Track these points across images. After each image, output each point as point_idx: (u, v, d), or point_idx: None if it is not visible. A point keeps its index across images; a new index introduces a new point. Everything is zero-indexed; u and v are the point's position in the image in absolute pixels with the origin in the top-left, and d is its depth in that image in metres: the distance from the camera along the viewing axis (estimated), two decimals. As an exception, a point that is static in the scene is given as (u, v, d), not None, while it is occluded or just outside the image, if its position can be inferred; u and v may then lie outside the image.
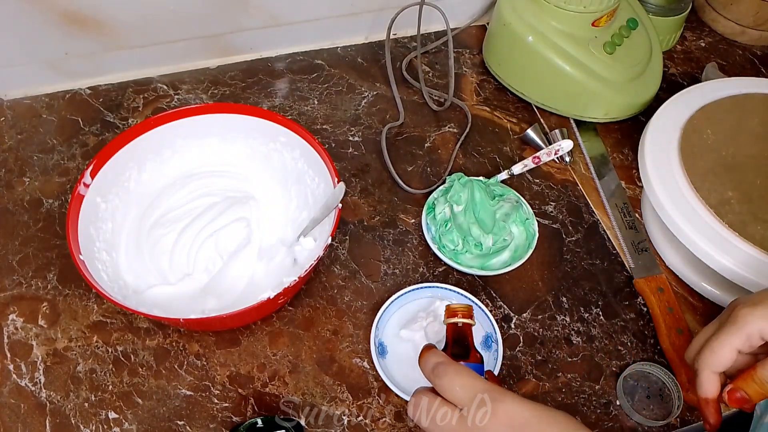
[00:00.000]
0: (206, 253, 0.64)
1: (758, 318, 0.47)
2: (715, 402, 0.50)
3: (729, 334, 0.48)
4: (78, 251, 0.57)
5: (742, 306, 0.49)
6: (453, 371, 0.44)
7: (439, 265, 0.69)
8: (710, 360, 0.49)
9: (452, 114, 0.83)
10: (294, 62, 0.87)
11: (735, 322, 0.48)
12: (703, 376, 0.50)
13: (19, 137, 0.76)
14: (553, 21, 0.78)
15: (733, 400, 0.48)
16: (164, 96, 0.81)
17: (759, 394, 0.47)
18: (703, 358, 0.49)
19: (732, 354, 0.48)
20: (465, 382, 0.43)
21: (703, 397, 0.50)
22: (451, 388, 0.43)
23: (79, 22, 0.74)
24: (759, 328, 0.47)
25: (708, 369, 0.49)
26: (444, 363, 0.45)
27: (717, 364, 0.49)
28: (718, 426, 0.50)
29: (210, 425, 0.58)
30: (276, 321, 0.64)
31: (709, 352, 0.49)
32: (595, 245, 0.72)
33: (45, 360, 0.60)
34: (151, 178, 0.68)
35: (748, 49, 0.96)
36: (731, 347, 0.48)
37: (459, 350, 0.49)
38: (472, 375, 0.44)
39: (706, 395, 0.50)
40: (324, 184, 0.64)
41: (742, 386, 0.48)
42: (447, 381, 0.44)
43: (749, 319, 0.48)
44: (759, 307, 0.48)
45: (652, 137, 0.70)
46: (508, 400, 0.42)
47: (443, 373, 0.44)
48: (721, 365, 0.49)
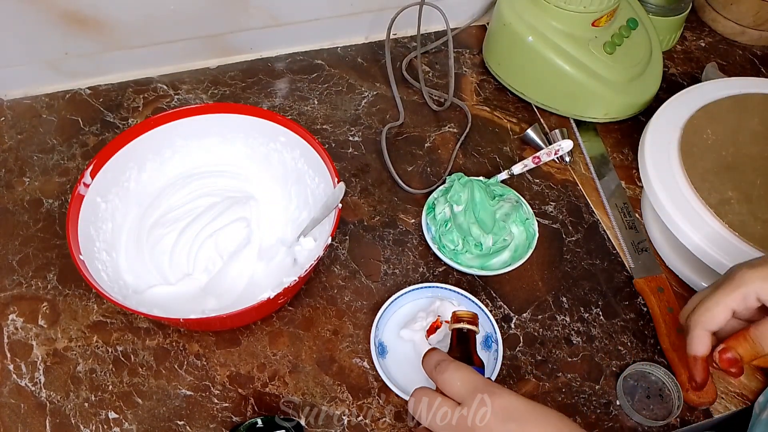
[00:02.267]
0: (206, 253, 0.64)
1: (757, 279, 0.47)
2: (704, 361, 0.49)
3: (725, 294, 0.48)
4: (78, 251, 0.57)
5: (741, 267, 0.48)
6: (454, 367, 0.46)
7: (439, 265, 0.69)
8: (703, 318, 0.48)
9: (452, 114, 0.83)
10: (294, 62, 0.87)
11: (732, 282, 0.47)
12: (694, 333, 0.49)
13: (19, 137, 0.76)
14: (553, 21, 0.78)
15: (724, 360, 0.47)
16: (164, 96, 0.81)
17: (750, 354, 0.47)
18: (696, 315, 0.49)
19: (726, 313, 0.48)
20: (465, 377, 0.45)
21: (692, 355, 0.49)
22: (452, 383, 0.45)
23: (79, 22, 0.74)
24: (756, 289, 0.47)
25: (700, 327, 0.48)
26: (446, 360, 0.47)
27: (710, 322, 0.48)
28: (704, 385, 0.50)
29: (210, 425, 0.58)
30: (276, 321, 0.64)
31: (704, 310, 0.48)
32: (595, 245, 0.72)
33: (45, 360, 0.60)
34: (151, 178, 0.68)
35: (748, 49, 0.96)
36: (726, 306, 0.47)
37: (461, 354, 0.51)
38: (472, 371, 0.46)
39: (696, 353, 0.49)
40: (324, 184, 0.64)
41: (734, 345, 0.47)
42: (448, 376, 0.45)
43: (747, 279, 0.47)
44: (758, 269, 0.47)
45: (652, 137, 0.70)
46: (504, 394, 0.44)
47: (445, 368, 0.46)
48: (715, 324, 0.48)
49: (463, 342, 0.52)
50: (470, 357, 0.51)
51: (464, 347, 0.52)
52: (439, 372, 0.46)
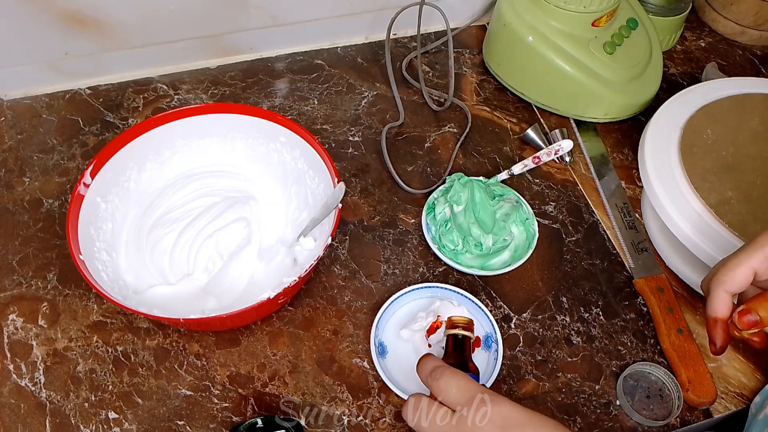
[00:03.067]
0: (206, 253, 0.64)
1: None
2: (724, 323, 0.47)
3: (748, 254, 0.46)
4: (78, 251, 0.57)
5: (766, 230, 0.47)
6: (450, 374, 0.45)
7: (439, 265, 0.69)
8: (725, 278, 0.47)
9: (452, 114, 0.83)
10: (294, 62, 0.87)
11: (755, 243, 0.46)
12: (714, 294, 0.47)
13: (19, 137, 0.76)
14: (553, 21, 0.78)
15: (744, 322, 0.46)
16: (164, 96, 0.81)
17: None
18: (717, 276, 0.47)
19: (748, 274, 0.46)
20: (461, 384, 0.44)
21: (712, 317, 0.47)
22: (448, 390, 0.44)
23: (79, 22, 0.74)
24: None
25: (721, 287, 0.47)
26: (441, 366, 0.46)
27: (731, 282, 0.47)
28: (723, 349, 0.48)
29: (210, 425, 0.58)
30: (276, 321, 0.64)
31: (725, 270, 0.47)
32: (595, 245, 0.72)
33: (45, 360, 0.60)
34: (151, 178, 0.68)
35: (748, 49, 0.96)
36: (748, 266, 0.46)
37: (456, 361, 0.51)
38: (468, 378, 0.45)
39: (716, 314, 0.47)
40: (324, 184, 0.64)
41: (755, 306, 0.45)
42: (444, 383, 0.45)
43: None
44: None
45: (652, 137, 0.70)
46: (502, 402, 0.43)
47: (440, 375, 0.45)
48: (736, 284, 0.47)
49: (459, 348, 0.52)
50: (465, 364, 0.51)
51: (460, 353, 0.52)
52: (434, 378, 0.45)
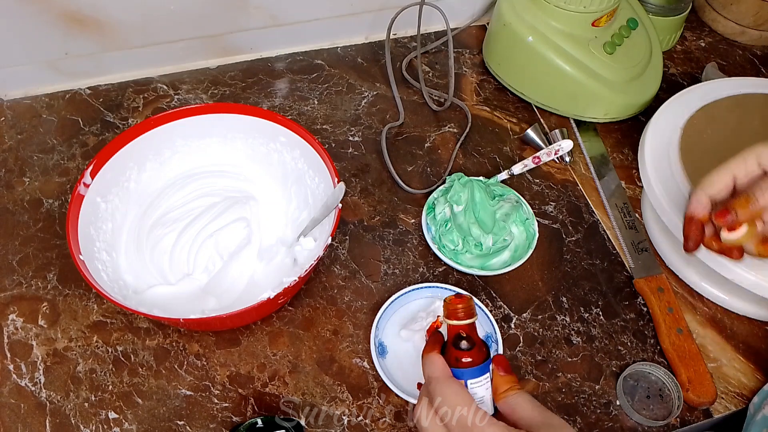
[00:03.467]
0: (206, 253, 0.64)
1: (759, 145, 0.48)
2: (699, 222, 0.50)
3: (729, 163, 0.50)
4: (78, 251, 0.57)
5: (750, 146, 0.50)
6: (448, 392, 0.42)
7: (439, 265, 0.69)
8: (705, 182, 0.50)
9: (452, 114, 0.83)
10: (294, 62, 0.87)
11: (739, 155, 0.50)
12: (694, 196, 0.51)
13: (19, 137, 0.76)
14: (553, 21, 0.78)
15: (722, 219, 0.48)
16: (164, 96, 0.81)
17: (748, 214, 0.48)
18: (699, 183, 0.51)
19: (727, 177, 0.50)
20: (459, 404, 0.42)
21: (689, 215, 0.51)
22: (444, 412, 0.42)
23: (79, 22, 0.74)
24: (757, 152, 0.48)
25: (701, 189, 0.50)
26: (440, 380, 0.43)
27: (711, 185, 0.50)
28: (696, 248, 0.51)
29: (210, 425, 0.58)
30: (276, 321, 0.64)
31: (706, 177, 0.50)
32: (595, 245, 0.72)
33: (45, 360, 0.60)
34: (151, 178, 0.68)
35: (748, 49, 0.96)
36: (727, 170, 0.49)
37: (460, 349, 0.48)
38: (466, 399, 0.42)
39: (692, 213, 0.51)
40: (324, 184, 0.64)
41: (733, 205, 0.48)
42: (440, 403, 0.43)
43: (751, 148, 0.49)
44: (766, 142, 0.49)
45: (652, 137, 0.70)
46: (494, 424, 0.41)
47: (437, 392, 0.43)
48: (714, 187, 0.50)
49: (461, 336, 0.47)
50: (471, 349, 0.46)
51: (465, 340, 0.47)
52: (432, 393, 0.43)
